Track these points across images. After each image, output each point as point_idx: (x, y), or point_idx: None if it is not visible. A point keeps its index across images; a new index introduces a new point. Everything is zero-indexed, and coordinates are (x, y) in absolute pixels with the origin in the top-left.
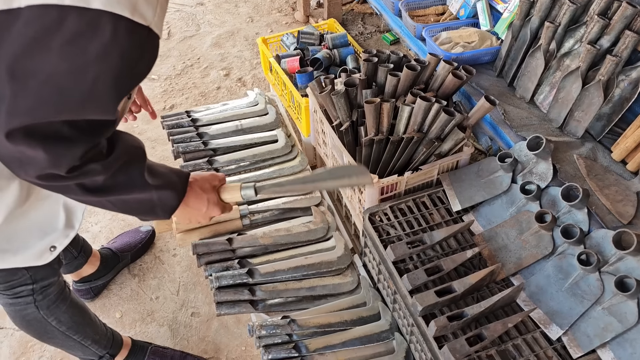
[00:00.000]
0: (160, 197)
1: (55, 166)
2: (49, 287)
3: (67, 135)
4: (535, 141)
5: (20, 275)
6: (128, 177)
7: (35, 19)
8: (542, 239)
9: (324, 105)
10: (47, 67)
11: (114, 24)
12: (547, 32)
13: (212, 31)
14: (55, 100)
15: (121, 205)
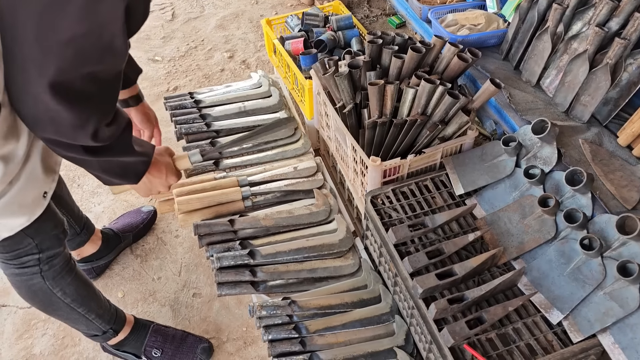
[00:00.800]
0: (136, 163)
1: (82, 127)
2: (54, 258)
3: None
4: (540, 125)
5: (26, 244)
6: (123, 142)
7: None
8: (545, 223)
9: (327, 87)
10: (68, 31)
11: None
12: (554, 14)
13: (216, 13)
14: (78, 59)
15: (106, 166)
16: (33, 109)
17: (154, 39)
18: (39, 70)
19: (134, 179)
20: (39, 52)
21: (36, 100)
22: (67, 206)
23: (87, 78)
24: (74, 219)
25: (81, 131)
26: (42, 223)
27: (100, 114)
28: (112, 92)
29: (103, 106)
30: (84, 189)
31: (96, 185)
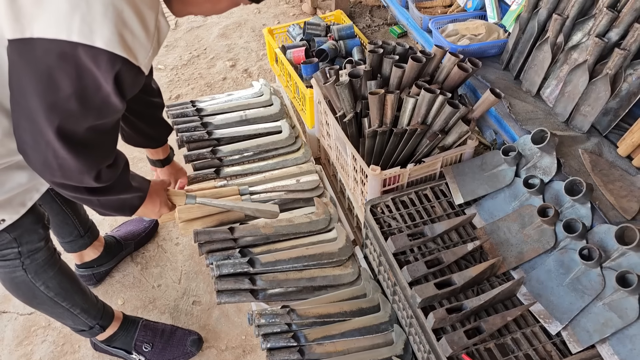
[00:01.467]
0: (132, 199)
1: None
2: (36, 252)
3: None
4: (539, 135)
5: (3, 238)
6: (121, 182)
7: (51, 50)
8: (544, 233)
9: (328, 96)
10: (67, 89)
11: (112, 61)
12: (554, 25)
13: (219, 22)
14: (80, 111)
15: (105, 203)
16: (43, 154)
17: None
18: (46, 122)
19: (129, 213)
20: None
21: (47, 148)
22: (74, 206)
23: (91, 130)
24: (79, 221)
25: (86, 175)
26: (20, 218)
27: (102, 160)
28: (112, 139)
29: (104, 152)
30: None
31: None
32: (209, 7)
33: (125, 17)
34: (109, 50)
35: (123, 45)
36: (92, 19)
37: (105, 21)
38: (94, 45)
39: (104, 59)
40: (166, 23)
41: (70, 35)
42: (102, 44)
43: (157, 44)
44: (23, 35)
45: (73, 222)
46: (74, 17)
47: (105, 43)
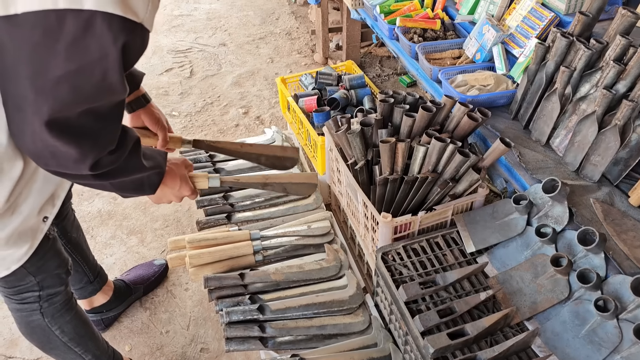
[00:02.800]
0: (149, 176)
1: (83, 160)
2: (55, 296)
3: (91, 127)
4: (550, 184)
5: (28, 281)
6: (130, 163)
7: (36, 24)
8: (558, 283)
9: (340, 144)
10: (57, 69)
11: (108, 22)
12: (562, 77)
13: (233, 70)
14: (71, 97)
15: (119, 186)
16: (33, 145)
17: (172, 95)
18: (33, 109)
19: (150, 191)
20: (32, 92)
21: (34, 137)
22: (83, 253)
23: (85, 114)
24: (89, 267)
25: (82, 164)
26: (46, 261)
27: (101, 146)
28: (112, 123)
29: (103, 138)
30: (97, 240)
31: (109, 237)
32: None
33: None
34: (101, 10)
35: (117, 1)
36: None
37: None
38: (82, 9)
39: (98, 21)
40: None
41: (57, 3)
42: (91, 4)
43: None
44: (7, 12)
45: (83, 268)
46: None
47: (95, 2)
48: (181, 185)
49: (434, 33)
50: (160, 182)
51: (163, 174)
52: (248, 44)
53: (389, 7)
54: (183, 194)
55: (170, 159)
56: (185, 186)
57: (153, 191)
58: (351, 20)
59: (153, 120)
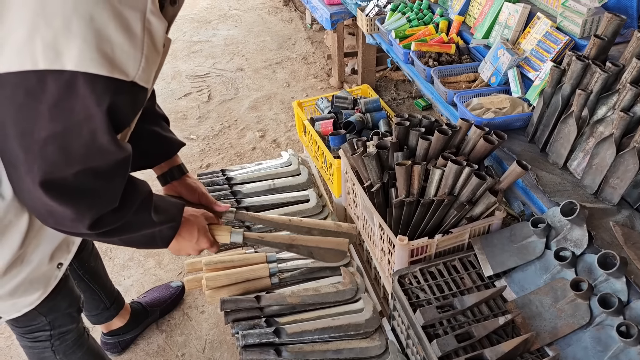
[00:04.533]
0: (162, 230)
1: (80, 220)
2: (67, 334)
3: (90, 187)
4: (569, 207)
5: (39, 321)
6: (138, 220)
7: (18, 85)
8: (579, 308)
9: (356, 167)
10: (43, 130)
11: (91, 83)
12: (579, 99)
13: (250, 95)
14: (61, 157)
15: (128, 241)
16: (30, 203)
17: (191, 118)
18: (25, 168)
19: (163, 245)
20: (21, 152)
21: (30, 195)
22: (100, 281)
23: (82, 173)
24: (106, 294)
25: (79, 223)
26: (58, 302)
27: (100, 205)
28: (113, 182)
29: (103, 197)
30: (115, 261)
31: (127, 259)
32: None
33: (97, 25)
34: (83, 71)
35: (101, 60)
36: (54, 38)
37: (70, 37)
38: (64, 69)
39: (80, 83)
40: (160, 21)
41: (36, 64)
42: (72, 65)
43: (151, 50)
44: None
45: (99, 296)
46: (36, 42)
47: (76, 63)
48: (199, 237)
49: (448, 57)
50: (174, 235)
51: (177, 227)
52: (265, 68)
53: (404, 32)
54: (202, 247)
55: (189, 209)
56: (204, 239)
57: (166, 245)
58: (367, 45)
59: (190, 191)
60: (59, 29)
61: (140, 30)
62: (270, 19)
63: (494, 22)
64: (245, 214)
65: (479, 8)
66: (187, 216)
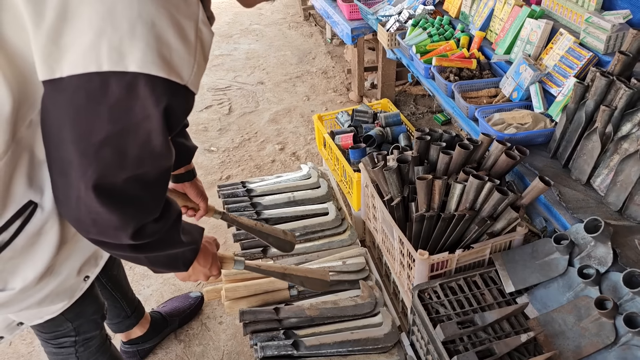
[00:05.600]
0: (184, 252)
1: (124, 228)
2: (91, 340)
3: (136, 195)
4: (593, 224)
5: (65, 327)
6: (169, 237)
7: (80, 87)
8: (603, 327)
9: (376, 180)
10: (101, 132)
11: (151, 84)
12: (603, 116)
13: (270, 108)
14: (116, 160)
15: (153, 260)
16: (75, 211)
17: (211, 130)
18: (78, 173)
19: (183, 268)
20: (76, 156)
21: (78, 203)
22: (122, 289)
23: (131, 180)
24: (127, 302)
25: (122, 232)
26: (84, 308)
27: (144, 214)
28: (158, 191)
29: (147, 206)
30: (135, 270)
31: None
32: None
33: (158, 30)
34: (145, 73)
35: (161, 64)
36: (120, 41)
37: (134, 40)
38: (126, 71)
39: (141, 84)
40: (209, 31)
41: (101, 66)
42: (135, 67)
43: (202, 58)
44: (53, 76)
45: (121, 304)
46: (102, 45)
47: (139, 65)
48: (212, 264)
49: (469, 72)
50: (195, 259)
51: (198, 250)
52: (285, 82)
53: (425, 47)
54: (212, 274)
55: (204, 236)
56: (215, 265)
57: (187, 268)
58: (387, 60)
59: (197, 192)
60: (124, 33)
61: (194, 38)
62: (290, 34)
63: (515, 38)
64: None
65: (501, 24)
66: (204, 242)
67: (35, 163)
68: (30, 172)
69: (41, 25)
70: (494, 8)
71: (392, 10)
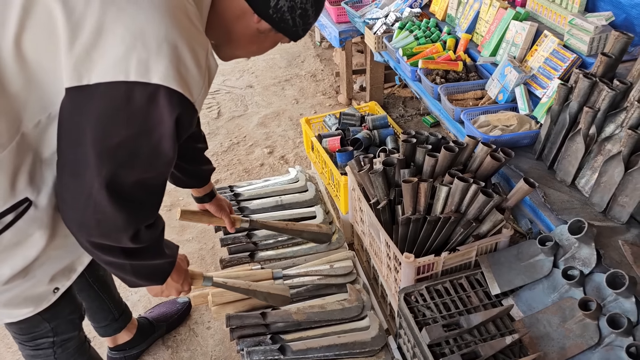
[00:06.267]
0: (164, 264)
1: (126, 229)
2: (69, 341)
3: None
4: (577, 225)
5: (42, 328)
6: (157, 246)
7: (105, 94)
8: (587, 328)
9: (362, 184)
10: (120, 135)
11: (169, 96)
12: (586, 117)
13: (259, 111)
14: (129, 160)
15: (137, 269)
16: (82, 212)
17: None
18: (93, 172)
19: (161, 280)
20: (93, 157)
21: (87, 202)
22: (109, 290)
23: (137, 184)
24: (114, 304)
25: (124, 233)
26: (61, 308)
27: (143, 216)
28: (157, 198)
29: (147, 211)
30: None
31: None
32: (254, 49)
33: (179, 52)
34: (166, 85)
35: (179, 80)
36: (148, 56)
37: (160, 57)
38: (150, 82)
39: (161, 94)
40: (215, 63)
41: (128, 76)
42: (158, 79)
43: (207, 83)
44: (80, 83)
45: (108, 306)
46: (131, 58)
47: (161, 78)
48: (184, 280)
49: (456, 74)
50: (171, 272)
51: (174, 264)
52: (274, 85)
53: (412, 50)
54: (184, 289)
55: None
56: (187, 281)
57: (163, 281)
58: (375, 63)
59: (218, 208)
60: (152, 49)
61: (204, 64)
62: None
63: (501, 40)
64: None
65: (486, 26)
66: (179, 259)
67: (37, 163)
68: (32, 170)
69: (77, 39)
70: (480, 10)
71: (379, 13)
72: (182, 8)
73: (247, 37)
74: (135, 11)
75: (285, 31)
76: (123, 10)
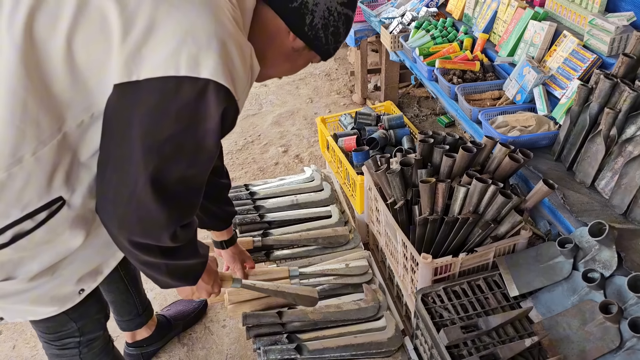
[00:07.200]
0: (197, 265)
1: (167, 227)
2: (95, 341)
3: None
4: (597, 227)
5: (69, 327)
6: (192, 246)
7: (155, 88)
8: (608, 331)
9: (379, 184)
10: (166, 130)
11: (217, 91)
12: (607, 118)
13: (273, 110)
14: (174, 154)
15: (172, 269)
16: (124, 209)
17: None
18: (139, 168)
19: (193, 281)
20: (140, 151)
21: (131, 199)
22: (137, 286)
23: (179, 181)
24: (140, 299)
25: (165, 231)
26: (88, 307)
27: (183, 215)
28: (196, 198)
29: (187, 210)
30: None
31: None
32: (288, 67)
33: (228, 48)
34: (214, 80)
35: (227, 76)
36: (198, 51)
37: (210, 52)
38: (199, 77)
39: (210, 89)
40: (257, 65)
41: (179, 70)
42: (207, 74)
43: (250, 82)
44: (129, 79)
45: (134, 300)
46: (182, 53)
47: (211, 73)
48: (214, 281)
49: (473, 74)
50: (203, 272)
51: (206, 264)
52: (288, 84)
53: (428, 50)
54: (214, 290)
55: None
56: (217, 283)
57: (196, 281)
58: (390, 62)
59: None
60: (202, 45)
61: (249, 63)
62: None
63: (519, 40)
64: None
65: (504, 26)
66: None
67: (74, 163)
68: (69, 169)
69: (128, 35)
70: (497, 10)
71: (395, 13)
72: (229, 11)
73: (282, 55)
74: (186, 7)
75: (317, 49)
76: (175, 6)
